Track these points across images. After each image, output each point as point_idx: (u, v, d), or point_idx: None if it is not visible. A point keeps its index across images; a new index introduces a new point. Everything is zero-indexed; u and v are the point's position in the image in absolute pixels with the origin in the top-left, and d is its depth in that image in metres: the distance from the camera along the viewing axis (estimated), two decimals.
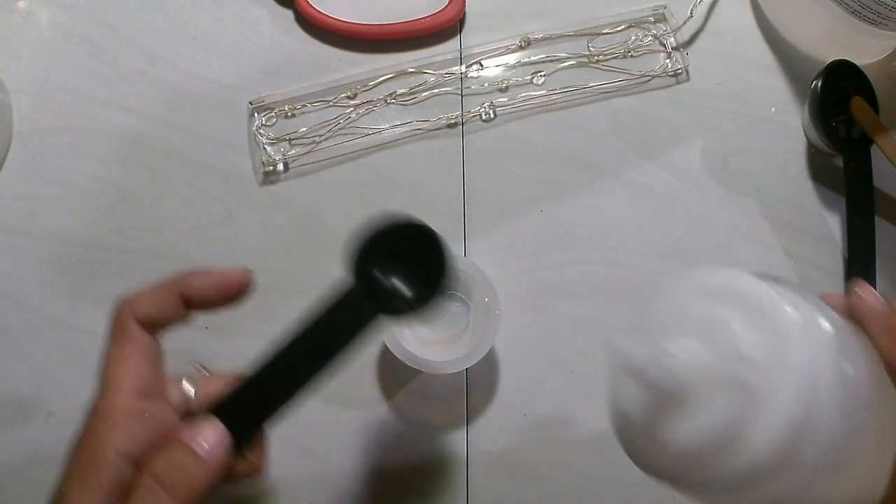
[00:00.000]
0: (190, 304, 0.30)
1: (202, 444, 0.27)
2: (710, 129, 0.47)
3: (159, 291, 0.30)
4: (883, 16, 0.42)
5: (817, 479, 0.25)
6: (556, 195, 0.46)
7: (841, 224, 0.46)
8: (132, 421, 0.28)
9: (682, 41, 0.48)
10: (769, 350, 0.24)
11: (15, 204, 0.46)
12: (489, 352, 0.39)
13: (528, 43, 0.48)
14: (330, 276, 0.47)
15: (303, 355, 0.29)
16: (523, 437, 0.42)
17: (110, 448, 0.27)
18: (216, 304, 0.30)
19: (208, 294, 0.30)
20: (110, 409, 0.28)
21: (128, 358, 0.28)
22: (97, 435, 0.27)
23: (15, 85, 0.47)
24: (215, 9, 0.49)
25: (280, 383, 0.29)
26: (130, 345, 0.29)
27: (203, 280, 0.30)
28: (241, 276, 0.30)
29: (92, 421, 0.28)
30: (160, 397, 0.29)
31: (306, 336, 0.29)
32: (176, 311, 0.30)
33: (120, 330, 0.29)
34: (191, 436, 0.28)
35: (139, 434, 0.27)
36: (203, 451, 0.27)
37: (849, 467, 0.25)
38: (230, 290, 0.30)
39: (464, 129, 0.47)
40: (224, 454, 0.28)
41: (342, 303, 0.29)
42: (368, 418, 0.42)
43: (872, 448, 0.26)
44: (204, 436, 0.28)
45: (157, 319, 0.29)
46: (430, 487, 0.42)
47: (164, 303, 0.29)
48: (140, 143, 0.47)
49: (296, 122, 0.47)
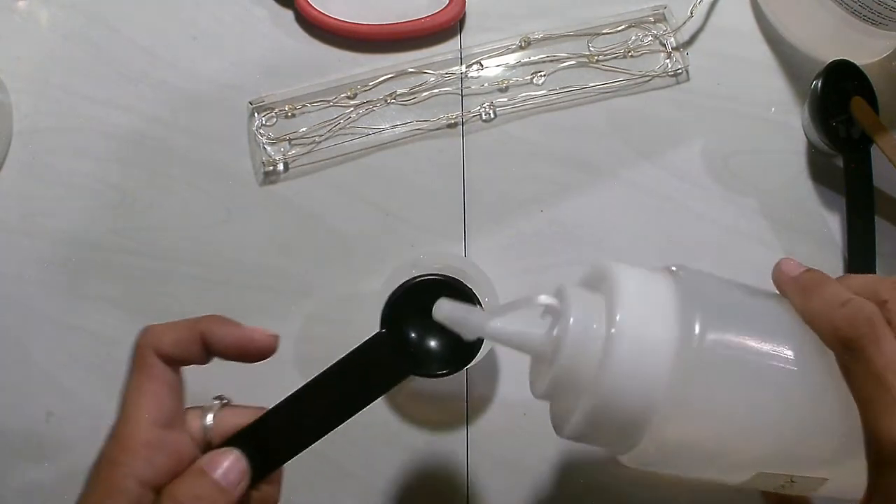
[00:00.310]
0: (209, 350, 0.30)
1: (223, 473, 0.28)
2: (710, 129, 0.47)
3: (182, 330, 0.30)
4: (883, 16, 0.42)
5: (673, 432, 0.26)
6: (556, 195, 0.46)
7: (841, 224, 0.46)
8: (152, 451, 0.28)
9: (682, 41, 0.48)
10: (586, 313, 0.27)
11: (15, 204, 0.46)
12: (489, 352, 0.39)
13: (528, 43, 0.48)
14: (330, 275, 0.47)
15: (328, 401, 0.30)
16: (523, 437, 0.42)
17: (131, 476, 0.28)
18: (234, 359, 0.31)
19: (228, 349, 0.30)
20: (131, 439, 0.28)
21: (149, 390, 0.29)
22: (118, 463, 0.28)
23: (15, 85, 0.47)
24: (215, 9, 0.49)
25: (303, 423, 0.30)
26: (152, 377, 0.29)
27: (226, 333, 0.30)
28: (266, 340, 0.30)
29: (112, 449, 0.28)
30: (180, 428, 0.30)
31: (334, 382, 0.30)
32: (195, 354, 0.30)
33: (142, 361, 0.29)
34: (212, 465, 0.28)
35: (159, 463, 0.28)
36: (224, 480, 0.28)
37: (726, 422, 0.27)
38: (249, 352, 0.30)
39: (464, 129, 0.47)
40: (243, 484, 0.29)
41: (373, 355, 0.30)
42: (368, 418, 0.42)
43: (776, 410, 0.27)
44: (224, 465, 0.28)
45: (176, 358, 0.30)
46: (430, 487, 0.42)
47: (184, 343, 0.30)
48: (140, 143, 0.47)
49: (296, 122, 0.47)
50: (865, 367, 0.25)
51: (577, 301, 0.28)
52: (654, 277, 0.28)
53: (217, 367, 0.33)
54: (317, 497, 0.41)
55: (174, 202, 0.46)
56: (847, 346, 0.26)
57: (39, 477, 0.42)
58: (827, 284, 0.28)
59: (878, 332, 0.25)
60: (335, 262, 0.45)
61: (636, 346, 0.26)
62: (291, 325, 0.43)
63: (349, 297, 0.44)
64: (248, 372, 0.36)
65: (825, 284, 0.28)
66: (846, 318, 0.26)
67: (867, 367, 0.25)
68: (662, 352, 0.26)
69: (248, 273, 0.45)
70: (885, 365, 0.25)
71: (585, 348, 0.27)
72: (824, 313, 0.27)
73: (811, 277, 0.29)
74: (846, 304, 0.26)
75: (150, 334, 0.30)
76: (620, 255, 0.45)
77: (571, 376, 0.27)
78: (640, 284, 0.28)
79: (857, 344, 0.25)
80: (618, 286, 0.27)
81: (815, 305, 0.27)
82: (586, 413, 0.27)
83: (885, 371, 0.24)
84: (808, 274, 0.29)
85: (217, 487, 0.28)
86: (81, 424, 0.43)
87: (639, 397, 0.26)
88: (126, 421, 0.29)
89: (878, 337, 0.25)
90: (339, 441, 0.42)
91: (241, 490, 0.29)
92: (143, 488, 0.28)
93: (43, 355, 0.43)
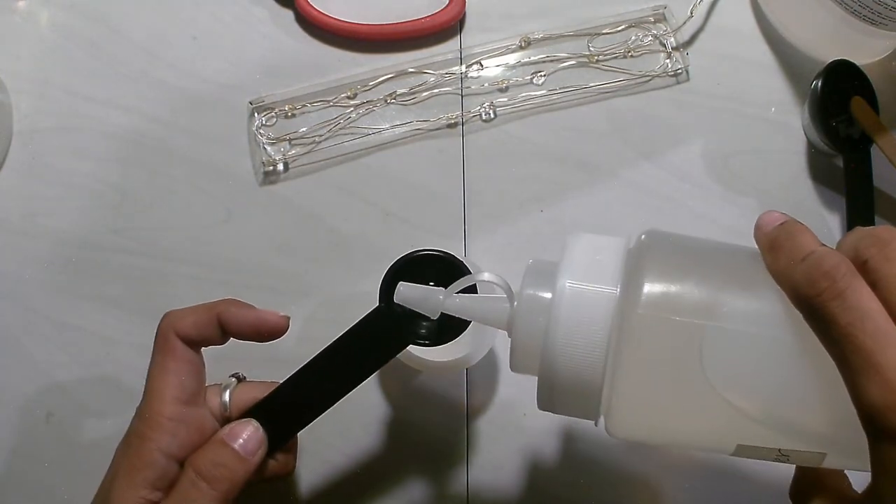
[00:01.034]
0: (226, 331, 0.33)
1: (242, 443, 0.31)
2: (710, 129, 0.47)
3: (202, 313, 0.32)
4: (883, 16, 0.42)
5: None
6: (556, 195, 0.46)
7: (841, 224, 0.46)
8: (175, 425, 0.31)
9: (682, 41, 0.48)
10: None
11: (15, 204, 0.46)
12: (489, 352, 0.39)
13: (528, 43, 0.48)
14: (330, 275, 0.47)
15: (335, 372, 0.32)
16: (523, 437, 0.42)
17: (155, 449, 0.30)
18: (249, 339, 0.33)
19: (243, 330, 0.33)
20: (156, 415, 0.31)
21: (171, 370, 0.31)
22: (144, 437, 0.30)
23: (15, 85, 0.47)
24: (215, 9, 0.49)
25: (313, 394, 0.33)
26: (174, 358, 0.32)
27: (241, 315, 0.32)
28: (279, 321, 0.33)
29: (139, 425, 0.31)
30: (201, 404, 0.32)
31: (340, 355, 0.32)
32: (214, 335, 0.32)
33: (164, 343, 0.32)
34: (231, 435, 0.31)
35: (182, 436, 0.31)
36: (242, 448, 0.31)
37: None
38: (263, 333, 0.33)
39: (464, 129, 0.47)
40: (261, 452, 0.31)
41: (374, 327, 0.32)
42: (368, 418, 0.42)
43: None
44: (244, 435, 0.31)
45: (196, 339, 0.32)
46: (430, 487, 0.42)
47: (203, 325, 0.32)
48: (140, 143, 0.47)
49: (296, 122, 0.47)
50: (830, 327, 0.22)
51: (532, 273, 0.28)
52: (605, 242, 0.28)
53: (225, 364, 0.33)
54: (315, 497, 0.41)
55: (174, 202, 0.46)
56: (809, 306, 0.23)
57: (40, 477, 0.42)
58: (795, 237, 0.25)
59: (840, 285, 0.22)
60: (335, 262, 0.45)
61: (575, 312, 0.26)
62: (291, 325, 0.43)
63: (349, 297, 0.44)
64: (249, 373, 0.37)
65: (793, 237, 0.25)
66: (804, 273, 0.23)
67: (832, 327, 0.22)
68: (600, 315, 0.26)
69: (248, 273, 0.45)
70: (850, 322, 0.21)
71: (535, 318, 0.27)
72: (787, 271, 0.24)
73: (782, 230, 0.25)
74: (807, 258, 0.23)
75: (171, 318, 0.32)
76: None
77: (528, 347, 0.27)
78: (587, 251, 0.27)
79: (816, 302, 0.22)
80: (567, 254, 0.27)
81: (780, 262, 0.24)
82: (541, 382, 0.27)
83: (850, 329, 0.21)
84: (780, 227, 0.26)
85: (237, 456, 0.31)
86: (81, 424, 0.43)
87: (583, 363, 0.26)
88: (151, 399, 0.31)
89: (841, 291, 0.22)
90: (339, 441, 0.42)
91: (259, 457, 0.31)
92: (167, 458, 0.30)
93: (43, 355, 0.44)
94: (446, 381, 0.43)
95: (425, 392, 0.43)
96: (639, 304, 0.26)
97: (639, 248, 0.28)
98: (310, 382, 0.32)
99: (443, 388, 0.43)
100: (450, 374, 0.43)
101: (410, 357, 0.38)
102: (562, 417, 0.43)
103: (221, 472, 0.30)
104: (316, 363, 0.32)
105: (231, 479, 0.30)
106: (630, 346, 0.25)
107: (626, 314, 0.26)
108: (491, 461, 0.42)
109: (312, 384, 0.33)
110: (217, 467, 0.30)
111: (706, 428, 0.27)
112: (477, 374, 0.43)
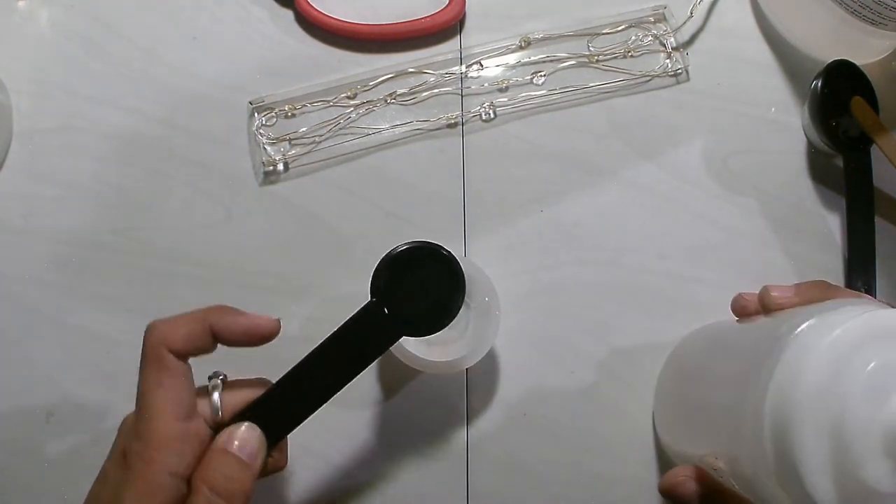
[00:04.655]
0: (217, 339, 0.32)
1: (244, 450, 0.30)
2: (710, 129, 0.47)
3: (192, 323, 0.31)
4: (883, 16, 0.42)
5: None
6: (556, 195, 0.46)
7: (841, 224, 0.46)
8: (179, 444, 0.30)
9: (682, 41, 0.48)
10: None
11: (15, 203, 0.46)
12: (489, 352, 0.39)
13: (528, 43, 0.48)
14: (330, 275, 0.47)
15: (328, 366, 0.32)
16: (523, 437, 0.42)
17: (164, 472, 0.29)
18: (242, 346, 0.32)
19: (236, 337, 0.32)
20: (160, 436, 0.30)
21: (168, 386, 0.30)
22: (150, 460, 0.29)
23: (15, 85, 0.47)
24: (215, 9, 0.49)
25: (307, 391, 0.32)
26: (169, 374, 0.31)
27: (233, 322, 0.32)
28: (271, 325, 0.32)
29: (140, 447, 0.30)
30: (197, 415, 0.31)
31: (332, 351, 0.32)
32: (206, 345, 0.32)
33: (156, 359, 0.31)
34: (230, 441, 0.30)
35: (187, 454, 0.30)
36: (247, 456, 0.30)
37: None
38: (255, 338, 0.32)
39: (464, 129, 0.47)
40: (262, 454, 0.31)
41: (366, 321, 0.32)
42: (368, 418, 0.42)
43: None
44: (244, 441, 0.31)
45: (188, 352, 0.31)
46: (430, 487, 0.42)
47: (194, 336, 0.31)
48: (140, 143, 0.47)
49: (296, 122, 0.47)
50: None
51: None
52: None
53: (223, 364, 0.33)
54: (315, 497, 0.41)
55: (174, 202, 0.46)
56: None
57: (40, 477, 0.42)
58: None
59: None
60: (335, 262, 0.45)
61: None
62: (291, 325, 0.43)
63: (349, 297, 0.44)
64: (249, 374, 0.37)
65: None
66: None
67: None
68: None
69: (247, 273, 0.45)
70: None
71: None
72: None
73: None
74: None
75: (160, 331, 0.31)
76: (621, 254, 0.45)
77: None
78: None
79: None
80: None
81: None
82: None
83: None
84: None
85: (244, 465, 0.30)
86: (81, 424, 0.43)
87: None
88: (151, 419, 0.30)
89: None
90: (339, 441, 0.42)
91: (261, 461, 0.31)
92: (178, 481, 0.29)
93: (43, 355, 0.43)
94: (446, 381, 0.43)
95: (425, 392, 0.43)
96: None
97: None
98: (304, 380, 0.32)
99: (443, 388, 0.43)
100: (450, 374, 0.43)
101: (411, 357, 0.38)
102: (561, 417, 0.43)
103: (235, 485, 0.30)
104: (309, 360, 0.32)
105: (244, 490, 0.30)
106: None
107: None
108: (491, 461, 0.42)
109: (307, 381, 0.32)
110: (230, 481, 0.30)
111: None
112: (477, 374, 0.43)
